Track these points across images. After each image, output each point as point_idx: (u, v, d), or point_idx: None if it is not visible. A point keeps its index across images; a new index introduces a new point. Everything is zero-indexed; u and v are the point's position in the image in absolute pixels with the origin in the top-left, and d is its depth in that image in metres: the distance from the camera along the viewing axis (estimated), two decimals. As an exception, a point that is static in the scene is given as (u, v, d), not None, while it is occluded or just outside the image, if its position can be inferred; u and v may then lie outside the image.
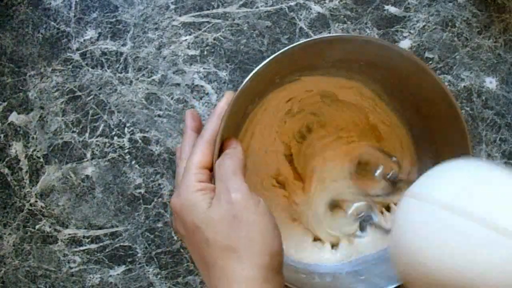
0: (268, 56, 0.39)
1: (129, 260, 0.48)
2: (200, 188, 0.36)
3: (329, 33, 0.49)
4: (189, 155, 0.38)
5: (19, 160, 0.48)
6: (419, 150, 0.47)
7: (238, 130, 0.45)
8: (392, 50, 0.41)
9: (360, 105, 0.48)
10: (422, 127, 0.46)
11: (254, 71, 0.38)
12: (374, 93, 0.47)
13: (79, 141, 0.48)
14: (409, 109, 0.46)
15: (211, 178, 0.37)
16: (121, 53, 0.48)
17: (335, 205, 0.47)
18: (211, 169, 0.38)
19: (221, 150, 0.39)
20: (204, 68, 0.49)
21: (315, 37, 0.40)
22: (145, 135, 0.48)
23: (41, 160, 0.48)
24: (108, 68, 0.48)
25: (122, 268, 0.48)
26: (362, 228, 0.46)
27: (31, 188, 0.48)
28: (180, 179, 0.38)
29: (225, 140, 0.39)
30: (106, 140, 0.48)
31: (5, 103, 0.48)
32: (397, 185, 0.46)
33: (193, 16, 0.49)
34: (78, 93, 0.48)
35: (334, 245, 0.47)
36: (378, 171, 0.46)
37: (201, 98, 0.49)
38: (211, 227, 0.34)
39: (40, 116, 0.48)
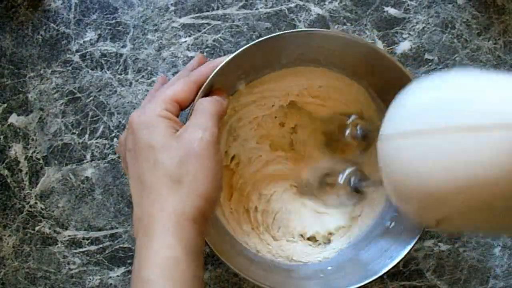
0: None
1: (128, 261, 0.48)
2: (166, 115, 0.36)
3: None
4: (168, 84, 0.39)
5: (19, 162, 0.48)
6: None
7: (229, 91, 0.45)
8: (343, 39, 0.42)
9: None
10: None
11: (263, 38, 0.40)
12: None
13: (78, 143, 0.48)
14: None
15: (178, 115, 0.38)
16: (121, 55, 0.48)
17: (324, 184, 0.47)
18: (183, 108, 0.38)
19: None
20: (203, 70, 0.49)
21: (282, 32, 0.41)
22: (145, 136, 0.48)
23: (41, 161, 0.48)
24: (108, 70, 0.48)
25: (122, 269, 0.48)
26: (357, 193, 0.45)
27: (30, 190, 0.48)
28: (149, 99, 0.39)
29: (215, 89, 0.40)
30: (106, 141, 0.48)
31: (5, 105, 0.48)
32: (369, 139, 0.46)
33: (193, 17, 0.49)
34: (78, 95, 0.48)
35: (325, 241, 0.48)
36: (347, 132, 0.46)
37: (200, 100, 0.49)
38: (166, 152, 0.34)
39: (39, 118, 0.48)
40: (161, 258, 0.32)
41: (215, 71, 0.39)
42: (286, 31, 0.41)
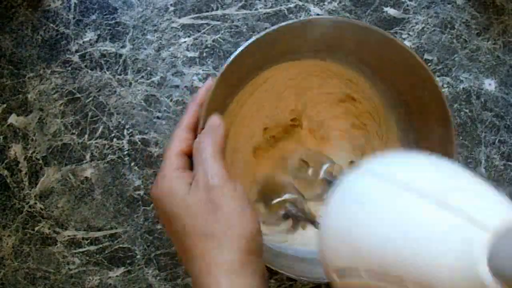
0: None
1: (128, 261, 0.48)
2: (176, 176, 0.36)
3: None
4: (168, 144, 0.38)
5: (18, 162, 0.48)
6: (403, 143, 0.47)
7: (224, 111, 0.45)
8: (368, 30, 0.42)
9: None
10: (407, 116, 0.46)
11: (234, 54, 0.39)
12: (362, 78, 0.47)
13: (78, 143, 0.48)
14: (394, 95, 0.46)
15: (189, 164, 0.37)
16: (120, 55, 0.48)
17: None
18: (189, 154, 0.38)
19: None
20: (203, 70, 0.49)
21: (294, 20, 0.41)
22: (144, 136, 0.48)
23: (40, 162, 0.48)
24: (107, 70, 0.48)
25: (121, 269, 0.48)
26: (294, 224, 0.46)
27: (30, 190, 0.48)
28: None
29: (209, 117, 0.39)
30: (105, 142, 0.48)
31: (5, 105, 0.48)
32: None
33: (192, 18, 0.49)
34: (77, 95, 0.48)
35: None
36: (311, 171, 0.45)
37: (200, 100, 0.49)
38: (189, 214, 0.34)
39: (39, 118, 0.48)
40: None
41: (207, 100, 0.38)
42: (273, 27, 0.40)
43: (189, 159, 0.38)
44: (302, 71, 0.47)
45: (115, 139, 0.48)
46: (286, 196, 0.44)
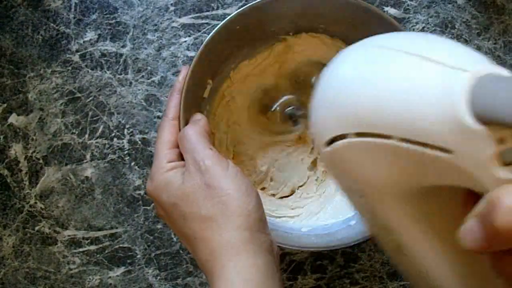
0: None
1: (128, 261, 0.48)
2: (170, 167, 0.36)
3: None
4: (157, 138, 0.39)
5: (19, 162, 0.48)
6: None
7: (202, 101, 0.44)
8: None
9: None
10: None
11: (206, 40, 0.40)
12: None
13: (78, 143, 0.48)
14: None
15: (180, 154, 0.38)
16: (121, 55, 0.48)
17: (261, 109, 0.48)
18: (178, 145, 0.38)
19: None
20: (203, 70, 0.49)
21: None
22: (145, 136, 0.48)
23: (41, 161, 0.48)
24: (108, 70, 0.48)
25: (122, 269, 0.48)
26: (295, 123, 0.47)
27: (30, 190, 0.48)
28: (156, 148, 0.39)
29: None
30: (106, 141, 0.48)
31: (5, 105, 0.48)
32: None
33: (193, 17, 0.49)
34: (78, 95, 0.48)
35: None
36: (313, 79, 0.46)
37: (200, 100, 0.49)
38: (186, 201, 0.34)
39: (39, 118, 0.48)
40: None
41: (183, 96, 0.39)
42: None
43: (179, 150, 0.38)
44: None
45: (115, 139, 0.48)
46: (284, 98, 0.46)
